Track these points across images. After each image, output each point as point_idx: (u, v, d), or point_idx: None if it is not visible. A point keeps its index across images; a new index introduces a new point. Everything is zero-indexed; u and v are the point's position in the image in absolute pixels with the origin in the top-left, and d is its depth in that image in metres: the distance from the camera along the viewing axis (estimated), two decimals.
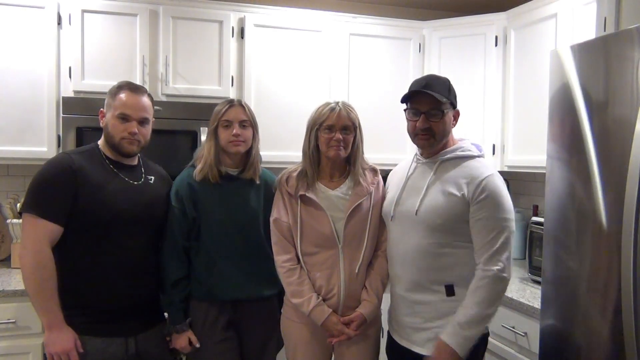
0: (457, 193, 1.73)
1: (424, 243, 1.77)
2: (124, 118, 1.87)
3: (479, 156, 1.83)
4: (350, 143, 1.94)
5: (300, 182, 1.96)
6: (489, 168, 1.79)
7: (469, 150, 1.82)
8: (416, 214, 1.78)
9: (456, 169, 1.78)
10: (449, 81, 1.83)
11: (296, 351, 2.00)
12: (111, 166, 1.91)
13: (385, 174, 2.06)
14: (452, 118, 1.82)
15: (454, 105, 1.82)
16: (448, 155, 1.81)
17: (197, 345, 2.01)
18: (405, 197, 1.85)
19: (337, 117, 1.91)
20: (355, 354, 1.98)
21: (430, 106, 1.76)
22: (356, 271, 1.93)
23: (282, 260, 1.97)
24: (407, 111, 1.84)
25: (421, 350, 1.79)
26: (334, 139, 1.90)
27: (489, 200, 1.71)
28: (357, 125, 1.96)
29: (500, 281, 1.71)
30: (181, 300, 2.01)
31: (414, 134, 1.83)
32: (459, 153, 1.81)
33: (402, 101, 1.84)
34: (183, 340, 2.00)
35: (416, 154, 1.92)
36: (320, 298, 1.92)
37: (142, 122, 1.91)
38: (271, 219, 2.01)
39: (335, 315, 1.91)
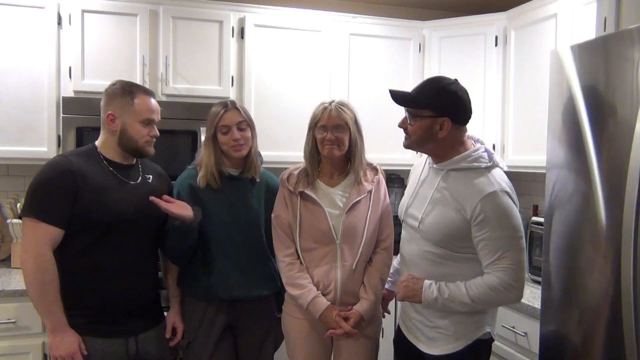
0: (459, 211, 1.69)
1: (426, 251, 1.78)
2: (149, 123, 1.90)
3: (487, 167, 1.73)
4: (345, 141, 1.96)
5: (300, 179, 2.00)
6: (495, 183, 1.69)
7: (478, 162, 1.73)
8: (418, 226, 1.78)
9: (461, 182, 1.72)
10: (444, 88, 1.72)
11: (295, 346, 2.02)
12: (110, 167, 1.91)
13: (388, 174, 2.07)
14: (439, 126, 1.72)
15: (439, 113, 1.71)
16: (454, 166, 1.75)
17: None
18: (414, 204, 1.85)
19: (328, 116, 1.95)
20: (354, 350, 1.99)
21: (406, 108, 1.79)
22: (353, 267, 1.96)
23: (282, 254, 2.00)
24: None
25: (425, 349, 1.80)
26: (327, 138, 1.94)
27: (488, 221, 1.65)
28: (350, 124, 1.96)
29: (505, 290, 1.66)
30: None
31: None
32: (464, 164, 1.73)
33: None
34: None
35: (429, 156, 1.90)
36: (319, 291, 1.94)
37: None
38: (272, 216, 2.04)
39: (334, 308, 1.94)
